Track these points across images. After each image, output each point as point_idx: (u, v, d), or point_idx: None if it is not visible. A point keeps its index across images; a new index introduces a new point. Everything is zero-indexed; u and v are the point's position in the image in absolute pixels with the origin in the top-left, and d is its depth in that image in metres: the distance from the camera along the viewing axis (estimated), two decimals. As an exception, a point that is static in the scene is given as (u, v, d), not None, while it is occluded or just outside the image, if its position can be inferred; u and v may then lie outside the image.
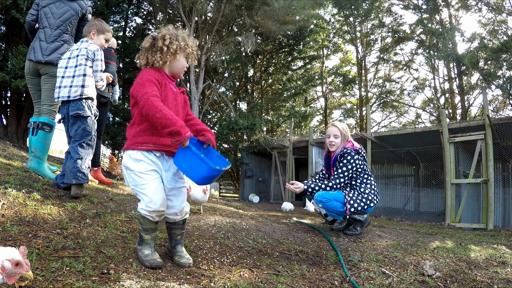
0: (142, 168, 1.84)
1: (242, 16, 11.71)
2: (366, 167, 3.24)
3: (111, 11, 9.48)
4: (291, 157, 12.54)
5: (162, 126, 1.71)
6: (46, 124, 3.12)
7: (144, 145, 1.86)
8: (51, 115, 3.16)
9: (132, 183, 1.88)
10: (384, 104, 19.75)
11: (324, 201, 3.09)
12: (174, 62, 1.95)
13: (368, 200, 3.11)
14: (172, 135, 1.70)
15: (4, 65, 7.45)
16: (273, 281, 1.96)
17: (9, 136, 8.50)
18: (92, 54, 2.94)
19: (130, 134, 1.91)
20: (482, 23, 15.35)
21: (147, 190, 1.82)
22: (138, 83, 1.82)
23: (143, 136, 1.87)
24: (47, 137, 3.15)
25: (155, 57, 1.90)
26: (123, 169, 1.94)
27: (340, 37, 20.24)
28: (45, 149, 3.16)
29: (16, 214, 1.98)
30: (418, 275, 2.34)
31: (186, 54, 1.98)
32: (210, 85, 13.57)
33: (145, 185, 1.83)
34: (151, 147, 1.87)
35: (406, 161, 11.50)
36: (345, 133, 3.23)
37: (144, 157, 1.86)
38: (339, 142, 3.22)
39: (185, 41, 1.94)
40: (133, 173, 1.85)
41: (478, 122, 8.02)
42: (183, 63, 1.99)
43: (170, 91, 1.94)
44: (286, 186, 3.21)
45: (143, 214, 1.85)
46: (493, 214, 7.02)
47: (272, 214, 5.70)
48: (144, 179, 1.83)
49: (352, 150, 3.13)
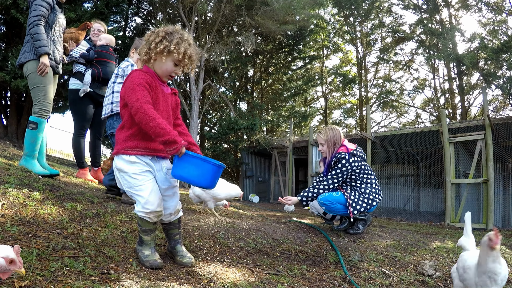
0: (137, 169, 1.81)
1: (242, 16, 11.71)
2: (365, 167, 3.23)
3: (111, 11, 9.49)
4: (291, 157, 12.54)
5: (156, 135, 1.66)
6: (31, 122, 3.14)
7: (135, 150, 1.82)
8: (37, 113, 3.16)
9: (127, 185, 1.83)
10: (384, 104, 19.74)
11: (327, 204, 3.11)
12: (159, 62, 1.85)
13: (369, 200, 3.11)
14: (168, 144, 1.65)
15: (4, 65, 7.46)
16: (273, 281, 1.96)
17: (9, 136, 8.50)
18: (122, 71, 3.12)
19: (120, 137, 1.85)
20: (482, 23, 15.36)
21: (143, 192, 1.79)
22: (128, 87, 1.76)
23: (133, 141, 1.82)
24: (32, 135, 3.15)
25: (142, 50, 1.86)
26: (116, 172, 1.88)
27: (340, 37, 20.24)
28: (30, 146, 3.16)
29: (16, 214, 1.98)
30: (418, 275, 2.34)
31: (175, 59, 1.83)
32: (210, 85, 13.58)
33: (141, 186, 1.80)
34: (142, 151, 1.83)
35: (406, 161, 11.50)
36: (330, 141, 3.23)
37: (138, 159, 1.83)
38: (326, 149, 3.26)
39: (178, 45, 1.80)
40: (127, 175, 1.81)
41: (478, 122, 8.02)
42: (169, 67, 1.85)
43: (161, 93, 1.88)
44: (279, 200, 3.27)
45: (140, 215, 1.82)
46: (493, 214, 7.02)
47: (272, 214, 5.70)
48: (139, 181, 1.80)
49: (346, 154, 3.12)
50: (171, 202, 1.94)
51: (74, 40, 3.93)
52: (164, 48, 1.80)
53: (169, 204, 1.94)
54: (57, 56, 3.35)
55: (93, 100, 3.97)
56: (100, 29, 4.24)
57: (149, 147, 1.85)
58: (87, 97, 3.90)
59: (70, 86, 3.93)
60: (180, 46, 1.81)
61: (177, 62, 1.86)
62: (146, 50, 1.85)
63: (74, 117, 3.95)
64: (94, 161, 4.27)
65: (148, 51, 1.84)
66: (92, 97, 3.93)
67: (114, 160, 1.89)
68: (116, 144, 1.88)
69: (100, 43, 4.02)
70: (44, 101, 3.15)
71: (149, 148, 1.85)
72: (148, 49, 1.84)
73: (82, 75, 3.90)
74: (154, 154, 1.88)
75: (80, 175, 4.00)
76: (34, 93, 3.16)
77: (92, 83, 3.84)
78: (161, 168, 1.92)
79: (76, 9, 7.60)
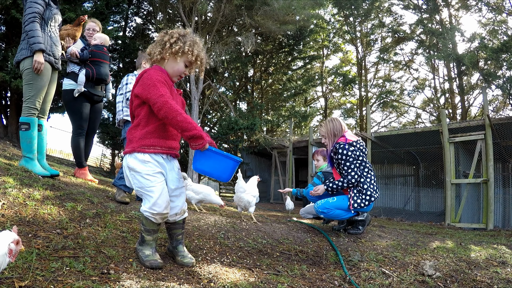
0: (150, 170, 1.81)
1: (242, 16, 11.72)
2: (365, 160, 3.22)
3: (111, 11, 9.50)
4: (291, 157, 12.54)
5: (183, 129, 1.69)
6: (22, 123, 3.12)
7: (152, 148, 1.82)
8: (25, 112, 3.12)
9: (137, 185, 1.83)
10: (384, 104, 19.76)
11: (326, 212, 3.10)
12: (172, 62, 1.88)
13: (368, 196, 3.08)
14: (194, 139, 1.70)
15: (4, 65, 7.47)
16: (273, 281, 1.96)
17: (9, 136, 8.51)
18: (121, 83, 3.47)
19: (136, 136, 1.83)
20: (482, 23, 15.36)
21: (154, 193, 1.79)
22: (148, 84, 1.76)
23: (150, 139, 1.82)
24: (26, 135, 3.12)
25: (155, 50, 1.87)
26: (126, 171, 1.87)
27: (340, 37, 20.26)
28: (27, 146, 3.14)
29: (16, 214, 1.98)
30: (418, 275, 2.34)
31: (187, 61, 1.90)
32: (210, 85, 13.58)
33: (152, 188, 1.80)
34: (159, 150, 1.84)
35: (406, 161, 11.50)
36: (330, 133, 3.25)
37: (152, 159, 1.83)
38: (328, 141, 3.28)
39: (191, 47, 1.87)
40: (140, 175, 1.81)
41: (478, 122, 8.02)
42: (181, 68, 1.90)
43: (174, 92, 1.92)
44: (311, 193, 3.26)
45: (146, 215, 1.82)
46: (493, 214, 7.02)
47: (272, 214, 5.70)
48: (151, 182, 1.80)
49: (344, 143, 3.10)
50: (177, 202, 1.95)
51: (71, 36, 3.89)
52: (179, 49, 1.85)
53: (176, 204, 1.95)
54: (55, 51, 3.33)
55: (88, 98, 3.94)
56: (96, 29, 4.18)
57: (165, 145, 1.86)
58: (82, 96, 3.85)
59: (64, 86, 3.87)
60: (194, 49, 1.88)
61: (188, 63, 1.92)
62: (159, 50, 1.87)
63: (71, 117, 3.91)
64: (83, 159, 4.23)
65: (161, 50, 1.86)
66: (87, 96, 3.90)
67: (125, 159, 1.86)
68: (130, 142, 1.85)
69: (95, 42, 3.99)
70: (33, 99, 3.11)
71: (165, 146, 1.86)
72: (162, 49, 1.86)
73: (75, 75, 3.84)
74: (169, 152, 1.89)
75: (79, 175, 3.96)
76: (26, 90, 3.11)
77: (86, 83, 3.81)
78: (173, 167, 1.94)
79: (76, 9, 7.59)
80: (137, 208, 2.85)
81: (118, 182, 3.18)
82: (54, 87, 3.42)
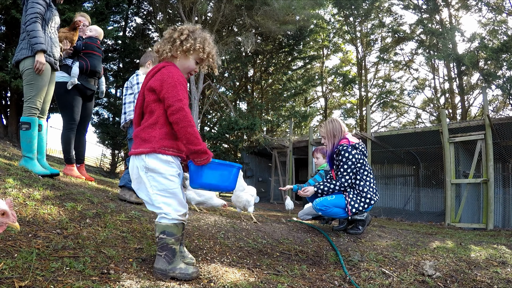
0: (174, 171, 1.73)
1: (242, 16, 11.73)
2: (365, 163, 3.23)
3: (111, 11, 9.50)
4: (291, 157, 12.54)
5: (189, 141, 1.64)
6: (23, 123, 3.12)
7: (171, 150, 1.73)
8: (26, 112, 3.12)
9: (159, 187, 1.69)
10: (384, 104, 19.77)
11: (323, 209, 3.10)
12: (182, 60, 1.82)
13: (367, 199, 3.10)
14: (199, 154, 1.65)
15: (4, 65, 7.47)
16: (273, 281, 1.96)
17: (9, 136, 8.51)
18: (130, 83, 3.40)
19: (155, 135, 1.71)
20: (482, 23, 15.37)
21: (178, 194, 1.73)
22: (169, 83, 1.68)
23: (169, 140, 1.73)
24: (26, 135, 3.12)
25: (165, 47, 1.80)
26: (144, 173, 1.71)
27: (340, 37, 20.26)
28: (27, 146, 3.13)
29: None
30: (418, 275, 2.34)
31: (198, 58, 1.84)
32: (210, 85, 13.58)
33: (175, 189, 1.72)
34: (175, 152, 1.76)
35: (406, 161, 11.50)
36: (330, 133, 3.25)
37: (173, 159, 1.75)
38: (327, 142, 3.28)
39: (202, 44, 1.80)
40: (162, 176, 1.70)
41: (478, 122, 8.02)
42: (192, 65, 1.85)
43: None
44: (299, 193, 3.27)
45: (174, 223, 1.70)
46: (493, 214, 7.02)
47: (272, 214, 5.70)
48: (175, 183, 1.72)
49: (347, 146, 3.11)
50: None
51: (69, 40, 3.88)
52: (190, 46, 1.78)
53: None
54: (55, 52, 3.32)
55: (81, 93, 3.89)
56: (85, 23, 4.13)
57: (180, 148, 1.78)
58: (75, 89, 3.81)
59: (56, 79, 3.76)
60: (205, 46, 1.82)
61: (199, 60, 1.86)
62: (169, 47, 1.79)
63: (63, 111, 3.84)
64: (78, 157, 4.16)
65: (171, 48, 1.79)
66: (80, 90, 3.86)
67: (142, 159, 1.71)
68: (145, 142, 1.72)
69: (90, 34, 3.94)
70: (34, 99, 3.11)
71: (180, 149, 1.79)
72: (172, 46, 1.79)
73: (68, 67, 3.77)
74: (180, 155, 1.82)
75: (67, 171, 3.88)
76: (26, 90, 3.11)
77: (80, 75, 3.76)
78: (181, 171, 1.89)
79: (76, 9, 7.58)
80: (137, 208, 2.85)
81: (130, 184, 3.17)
82: (53, 88, 3.42)
